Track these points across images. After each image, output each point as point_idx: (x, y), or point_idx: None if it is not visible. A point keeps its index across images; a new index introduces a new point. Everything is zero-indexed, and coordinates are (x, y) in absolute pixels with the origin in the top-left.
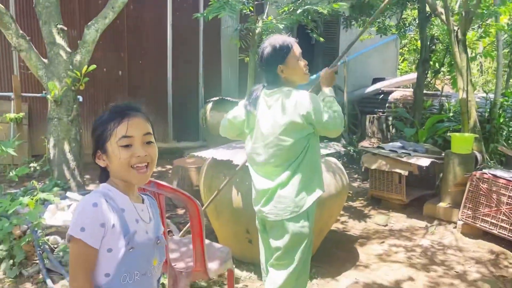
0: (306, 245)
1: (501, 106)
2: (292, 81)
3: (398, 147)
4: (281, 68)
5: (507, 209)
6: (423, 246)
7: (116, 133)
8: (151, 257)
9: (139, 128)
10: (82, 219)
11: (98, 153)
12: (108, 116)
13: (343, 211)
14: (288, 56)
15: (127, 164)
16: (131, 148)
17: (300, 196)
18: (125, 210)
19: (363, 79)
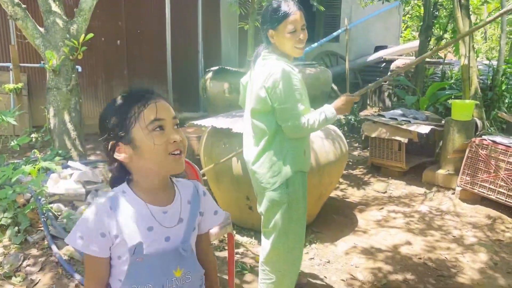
0: (286, 214)
1: (504, 73)
2: (282, 50)
3: (398, 114)
4: (272, 34)
5: (506, 175)
6: (421, 212)
7: (144, 117)
8: (171, 267)
9: (169, 111)
10: (80, 228)
11: (119, 145)
12: (127, 100)
13: (343, 179)
14: (281, 24)
15: (164, 151)
16: (164, 132)
17: (270, 173)
18: (133, 217)
19: (365, 47)
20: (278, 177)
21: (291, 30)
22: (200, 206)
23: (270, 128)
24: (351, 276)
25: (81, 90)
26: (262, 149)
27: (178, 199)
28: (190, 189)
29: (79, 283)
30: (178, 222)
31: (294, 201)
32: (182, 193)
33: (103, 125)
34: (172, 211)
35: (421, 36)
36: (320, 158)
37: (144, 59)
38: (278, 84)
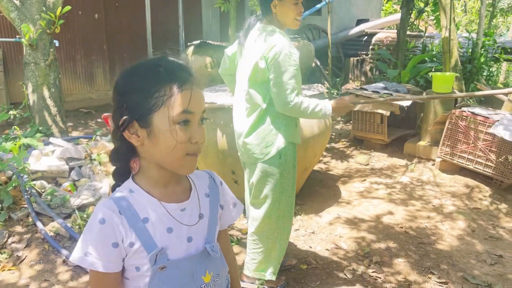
0: (278, 184)
1: (483, 46)
2: (281, 21)
3: (380, 88)
4: (275, 3)
5: (484, 145)
6: (403, 183)
7: (174, 104)
8: (199, 272)
9: (201, 103)
10: (87, 241)
11: (134, 125)
12: (157, 74)
13: (326, 152)
14: None
15: (183, 150)
16: (189, 129)
17: (264, 144)
18: (149, 220)
19: (347, 20)
20: (271, 148)
21: (296, 1)
22: (220, 199)
23: (265, 99)
24: (335, 245)
25: (59, 65)
26: (257, 120)
27: (194, 193)
28: (205, 180)
29: (66, 259)
30: (199, 219)
31: (286, 171)
32: (198, 186)
33: (119, 94)
34: (191, 206)
35: (403, 8)
36: (304, 132)
37: (123, 33)
38: (279, 56)
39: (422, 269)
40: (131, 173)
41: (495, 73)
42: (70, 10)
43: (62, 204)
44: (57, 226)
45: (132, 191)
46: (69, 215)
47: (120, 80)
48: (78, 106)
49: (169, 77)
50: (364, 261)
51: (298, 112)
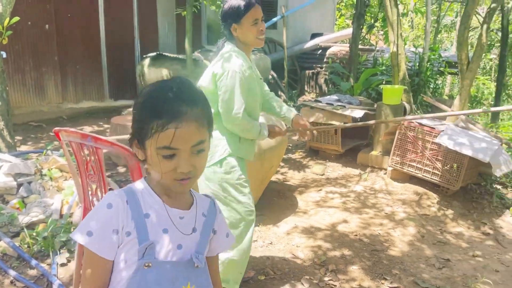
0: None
1: (429, 60)
2: (244, 42)
3: (334, 100)
4: (235, 27)
5: (431, 154)
6: (357, 192)
7: (158, 139)
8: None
9: (189, 140)
10: (91, 222)
11: (135, 142)
12: (152, 108)
13: (283, 163)
14: (245, 17)
15: (171, 177)
16: (175, 159)
17: None
18: (150, 215)
19: (302, 34)
20: (211, 156)
21: (253, 22)
22: (215, 223)
23: (212, 107)
24: (293, 255)
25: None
26: None
27: (194, 207)
28: (206, 202)
29: (14, 279)
30: (192, 232)
31: (227, 183)
32: (199, 204)
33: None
34: (188, 217)
35: (354, 24)
36: (261, 143)
37: (76, 44)
38: (227, 75)
39: (375, 275)
40: None
41: (440, 85)
42: (19, 20)
43: (9, 222)
44: (4, 246)
45: (142, 188)
46: (17, 234)
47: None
48: (27, 120)
49: (157, 113)
50: (320, 269)
51: (238, 130)
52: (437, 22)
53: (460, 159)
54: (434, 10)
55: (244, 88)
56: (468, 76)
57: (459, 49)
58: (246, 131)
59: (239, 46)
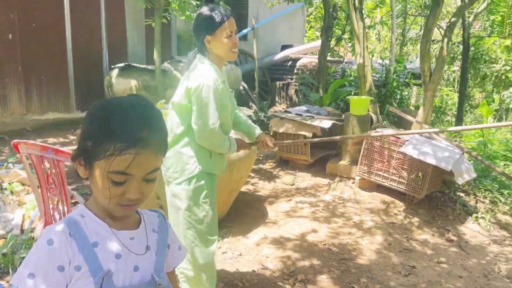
0: (188, 211)
1: (395, 71)
2: (217, 54)
3: (303, 111)
4: (208, 39)
5: (396, 164)
6: (326, 201)
7: (112, 163)
8: None
9: (146, 167)
10: (32, 262)
11: (80, 161)
12: (111, 128)
13: (254, 173)
14: (219, 29)
15: (116, 202)
16: (123, 186)
17: (173, 168)
18: (98, 244)
19: (272, 46)
20: (181, 173)
21: (228, 35)
22: (168, 238)
23: (183, 124)
24: (262, 266)
25: None
26: (172, 142)
27: (143, 225)
28: (155, 218)
29: None
30: (146, 251)
31: (197, 200)
32: (147, 220)
33: (83, 124)
34: (139, 237)
35: (322, 36)
36: (230, 154)
37: (41, 55)
38: (201, 89)
39: (344, 284)
40: None
41: (407, 96)
42: None
43: None
44: None
45: (83, 216)
46: None
47: (88, 113)
48: None
49: (116, 136)
50: (289, 279)
51: (209, 146)
52: (403, 35)
53: (425, 168)
54: (400, 23)
55: (218, 103)
56: (430, 88)
57: (421, 61)
58: (219, 146)
59: (212, 58)
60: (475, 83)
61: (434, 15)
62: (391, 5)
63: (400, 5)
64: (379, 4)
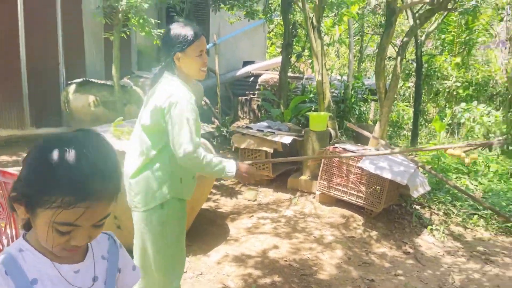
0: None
1: (353, 87)
2: (186, 72)
3: (264, 126)
4: (179, 56)
5: (355, 178)
6: (287, 216)
7: (60, 214)
8: None
9: (96, 218)
10: None
11: (21, 203)
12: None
13: (216, 189)
14: (190, 47)
15: (59, 247)
16: (68, 237)
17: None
18: (38, 281)
19: (234, 61)
20: (151, 200)
21: (199, 53)
22: (119, 261)
23: (155, 148)
24: (223, 285)
25: None
26: (143, 166)
27: (90, 254)
28: (105, 242)
29: None
30: (93, 282)
31: (167, 226)
32: (95, 247)
33: (24, 167)
34: (85, 269)
35: (283, 53)
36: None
37: None
38: (175, 108)
39: None
40: None
41: (365, 111)
42: None
43: None
44: None
45: (22, 250)
46: None
47: (30, 156)
48: None
49: (65, 187)
50: None
51: (197, 166)
52: (360, 52)
53: (382, 182)
54: (358, 41)
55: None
56: (386, 104)
57: (377, 79)
58: (206, 164)
59: (180, 76)
60: (428, 99)
61: (388, 35)
62: (349, 24)
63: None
64: (337, 22)
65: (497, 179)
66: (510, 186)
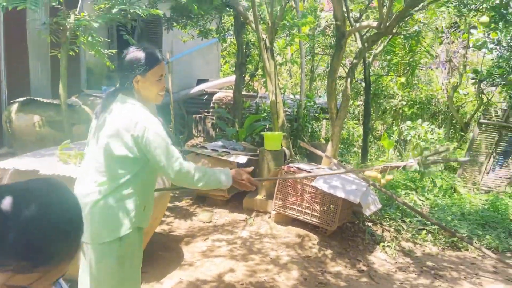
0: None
1: (305, 106)
2: (144, 96)
3: (219, 146)
4: (138, 79)
5: (309, 197)
6: (243, 238)
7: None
8: None
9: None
10: None
11: None
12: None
13: (169, 211)
14: (151, 70)
15: None
16: None
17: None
18: None
19: (188, 80)
20: (111, 232)
21: (159, 78)
22: None
23: (124, 176)
24: None
25: None
26: (105, 195)
27: None
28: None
29: None
30: None
31: (127, 258)
32: None
33: None
34: None
35: (236, 72)
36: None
37: None
38: (148, 132)
39: None
40: None
41: (317, 129)
42: None
43: None
44: None
45: None
46: None
47: None
48: None
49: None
50: None
51: (191, 182)
52: (312, 72)
53: (335, 201)
54: (309, 61)
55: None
56: (337, 124)
57: (328, 99)
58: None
59: (139, 99)
60: (377, 116)
61: (338, 57)
62: (300, 45)
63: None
64: (289, 43)
65: (442, 194)
66: (454, 200)
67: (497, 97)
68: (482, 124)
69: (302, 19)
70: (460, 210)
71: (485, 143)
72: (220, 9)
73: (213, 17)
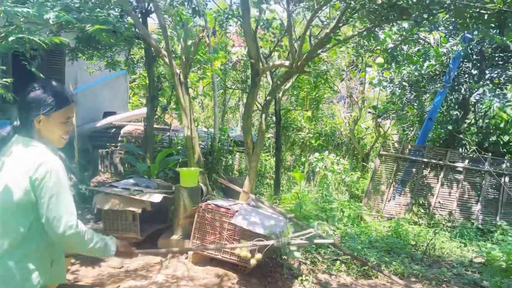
0: None
1: (219, 140)
2: (45, 137)
3: (131, 184)
4: (40, 119)
5: (228, 235)
6: (158, 282)
7: None
8: None
9: None
10: None
11: None
12: None
13: (75, 258)
14: (58, 111)
15: None
16: None
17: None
18: None
19: (94, 112)
20: None
21: (65, 120)
22: None
23: (20, 229)
24: None
25: None
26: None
27: None
28: None
29: None
30: None
31: None
32: None
33: None
34: None
35: (148, 105)
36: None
37: None
38: (49, 177)
39: None
40: None
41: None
42: None
43: None
44: None
45: None
46: None
47: None
48: None
49: None
50: None
51: (79, 242)
52: (224, 105)
53: (255, 237)
54: (221, 94)
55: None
56: (254, 159)
57: (245, 135)
58: (88, 241)
59: (40, 140)
60: (286, 148)
61: (253, 94)
62: (212, 79)
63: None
64: (201, 77)
65: (351, 223)
66: (362, 229)
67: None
68: (382, 155)
69: (214, 54)
70: (368, 238)
71: (385, 173)
72: (130, 40)
73: (121, 49)
